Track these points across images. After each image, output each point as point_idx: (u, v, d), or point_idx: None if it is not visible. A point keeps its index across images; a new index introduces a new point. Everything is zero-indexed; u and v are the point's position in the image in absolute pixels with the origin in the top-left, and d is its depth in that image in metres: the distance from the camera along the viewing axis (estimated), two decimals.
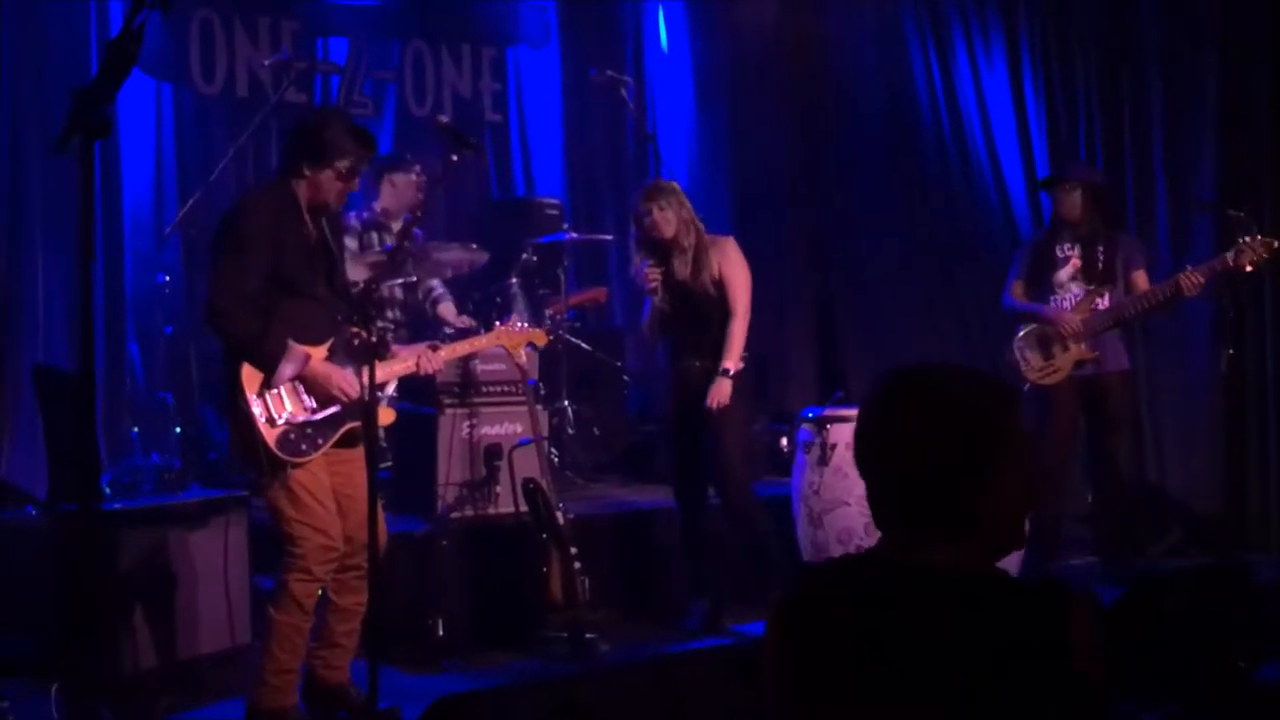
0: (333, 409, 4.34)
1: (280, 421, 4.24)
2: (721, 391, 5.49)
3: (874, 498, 1.97)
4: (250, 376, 4.22)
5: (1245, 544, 6.51)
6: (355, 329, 4.39)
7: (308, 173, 4.31)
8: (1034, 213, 7.44)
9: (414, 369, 4.61)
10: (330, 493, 4.32)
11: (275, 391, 4.25)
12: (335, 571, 4.35)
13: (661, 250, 5.59)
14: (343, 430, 4.36)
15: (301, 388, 4.30)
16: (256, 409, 4.21)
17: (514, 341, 5.12)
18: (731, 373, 5.51)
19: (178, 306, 6.72)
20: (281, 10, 7.56)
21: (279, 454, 4.21)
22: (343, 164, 4.30)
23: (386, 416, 4.60)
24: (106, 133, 2.53)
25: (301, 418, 4.28)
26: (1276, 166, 6.71)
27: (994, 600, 1.88)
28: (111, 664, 4.49)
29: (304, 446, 4.26)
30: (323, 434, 4.32)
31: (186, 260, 6.80)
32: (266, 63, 7.19)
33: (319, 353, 4.34)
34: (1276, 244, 5.75)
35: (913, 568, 1.92)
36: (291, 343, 4.26)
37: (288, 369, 4.24)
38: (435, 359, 4.66)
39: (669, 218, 5.54)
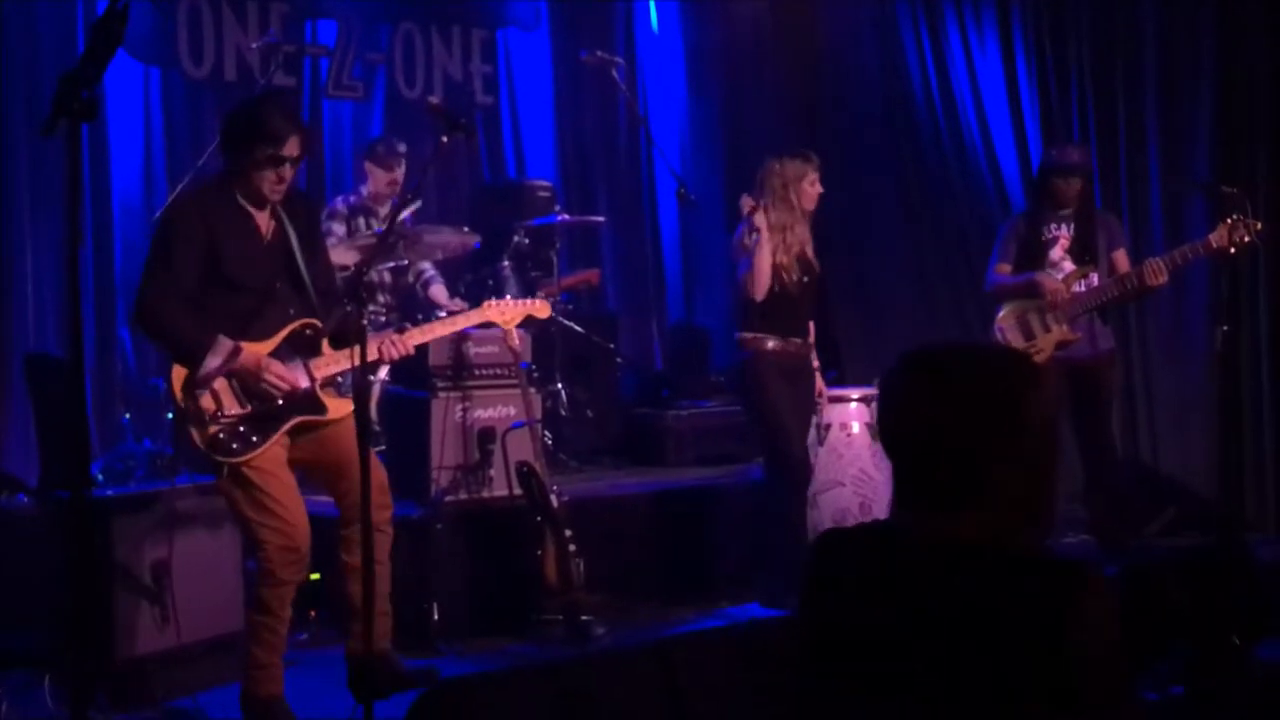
0: (272, 404, 4.18)
1: (212, 420, 4.09)
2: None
3: (894, 472, 2.00)
4: (179, 375, 4.11)
5: (1240, 521, 6.50)
6: (308, 321, 4.26)
7: (239, 164, 4.16)
8: (1027, 194, 7.41)
9: (377, 357, 4.37)
10: (291, 488, 4.20)
11: (207, 390, 4.10)
12: (341, 528, 4.31)
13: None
14: (289, 425, 4.19)
15: (237, 384, 4.15)
16: (187, 409, 4.09)
17: (507, 317, 4.98)
18: None
19: None
20: None
21: (211, 454, 4.10)
22: (264, 152, 4.11)
23: (338, 409, 4.29)
24: (92, 115, 2.51)
25: (235, 412, 4.13)
26: (1271, 147, 6.69)
27: (999, 573, 1.87)
28: (105, 651, 4.47)
29: (236, 445, 4.10)
30: (260, 432, 4.15)
31: None
32: (255, 45, 7.15)
33: (260, 347, 4.17)
34: (1260, 225, 5.71)
35: (923, 540, 1.93)
36: (221, 337, 4.09)
37: (213, 362, 4.07)
38: (400, 344, 4.40)
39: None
